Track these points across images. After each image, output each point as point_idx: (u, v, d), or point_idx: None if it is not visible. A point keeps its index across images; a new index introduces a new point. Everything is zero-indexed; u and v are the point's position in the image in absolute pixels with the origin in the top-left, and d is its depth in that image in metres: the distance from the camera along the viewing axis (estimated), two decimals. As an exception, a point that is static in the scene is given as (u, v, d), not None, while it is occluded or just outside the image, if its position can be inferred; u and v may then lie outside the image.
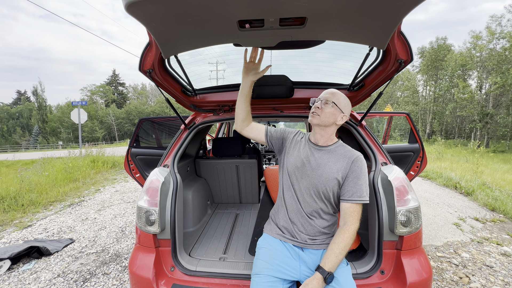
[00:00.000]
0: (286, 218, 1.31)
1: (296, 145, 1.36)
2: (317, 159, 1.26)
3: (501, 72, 21.04)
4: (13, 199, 4.57)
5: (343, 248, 1.12)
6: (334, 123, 1.27)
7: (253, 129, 1.43)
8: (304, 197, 1.26)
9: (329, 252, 1.13)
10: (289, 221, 1.30)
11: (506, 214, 3.99)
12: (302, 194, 1.27)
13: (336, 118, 1.26)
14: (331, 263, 1.09)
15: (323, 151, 1.28)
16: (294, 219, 1.28)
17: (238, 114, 1.40)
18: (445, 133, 31.50)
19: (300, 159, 1.29)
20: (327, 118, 1.25)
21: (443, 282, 2.29)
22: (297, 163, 1.29)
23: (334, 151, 1.28)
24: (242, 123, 1.40)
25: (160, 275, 1.45)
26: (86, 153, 9.59)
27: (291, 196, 1.30)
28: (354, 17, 0.99)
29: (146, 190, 1.52)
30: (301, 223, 1.27)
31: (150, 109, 53.84)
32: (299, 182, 1.28)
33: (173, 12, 0.92)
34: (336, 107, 1.25)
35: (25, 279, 2.37)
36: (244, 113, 1.38)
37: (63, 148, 28.23)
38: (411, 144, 2.93)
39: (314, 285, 1.06)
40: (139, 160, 2.98)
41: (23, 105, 59.61)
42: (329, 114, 1.24)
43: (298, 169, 1.28)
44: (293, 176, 1.30)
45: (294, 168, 1.29)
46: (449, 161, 9.88)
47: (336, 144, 1.30)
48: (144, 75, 1.44)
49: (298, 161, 1.29)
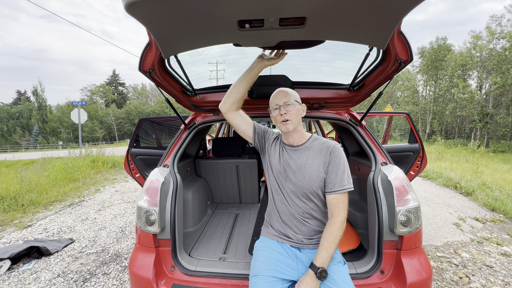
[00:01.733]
0: (279, 221, 1.31)
1: (276, 148, 1.35)
2: (296, 161, 1.26)
3: (501, 72, 21.03)
4: (13, 199, 4.57)
5: (332, 241, 1.12)
6: (301, 119, 1.29)
7: (239, 117, 1.32)
8: (293, 200, 1.26)
9: (319, 247, 1.13)
10: (282, 224, 1.30)
11: (506, 214, 3.99)
12: (290, 198, 1.27)
13: (300, 113, 1.28)
14: (321, 258, 1.10)
15: (300, 150, 1.28)
16: (288, 222, 1.28)
17: (232, 93, 1.27)
18: (445, 133, 31.50)
19: (281, 164, 1.29)
20: (297, 117, 1.26)
21: (443, 282, 2.29)
22: (280, 168, 1.29)
23: (310, 147, 1.28)
24: (232, 104, 1.29)
25: (160, 275, 1.45)
26: (86, 153, 9.59)
27: (281, 200, 1.30)
28: (354, 17, 0.99)
29: (146, 190, 1.52)
30: (295, 225, 1.27)
31: (150, 109, 53.83)
32: (285, 186, 1.28)
33: (173, 12, 0.92)
34: (296, 102, 1.26)
35: (25, 279, 2.36)
36: (239, 95, 1.27)
37: (63, 148, 28.23)
38: (411, 144, 2.93)
39: (307, 281, 1.07)
40: (139, 160, 2.98)
41: (23, 105, 59.62)
42: (297, 113, 1.25)
43: (281, 174, 1.29)
44: (279, 181, 1.30)
45: (278, 173, 1.30)
46: (449, 161, 9.88)
47: (311, 140, 1.30)
48: (144, 75, 1.44)
49: (280, 165, 1.29)
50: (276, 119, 1.27)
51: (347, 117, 1.94)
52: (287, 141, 1.33)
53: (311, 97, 1.88)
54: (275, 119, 1.28)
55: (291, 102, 1.23)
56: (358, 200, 2.27)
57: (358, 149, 2.51)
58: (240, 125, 1.34)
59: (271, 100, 1.30)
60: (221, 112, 1.33)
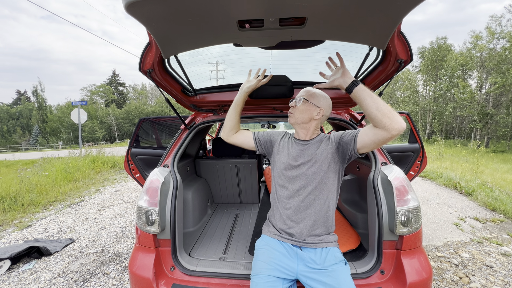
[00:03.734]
0: (282, 219, 1.31)
1: (285, 145, 1.38)
2: (306, 152, 1.29)
3: (501, 72, 21.02)
4: (13, 199, 4.57)
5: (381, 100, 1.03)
6: (312, 119, 1.30)
7: (239, 136, 1.46)
8: (299, 196, 1.27)
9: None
10: (285, 222, 1.30)
11: (506, 214, 3.99)
12: (297, 192, 1.27)
13: (311, 113, 1.29)
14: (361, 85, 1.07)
15: (309, 144, 1.32)
16: (291, 219, 1.28)
17: (227, 122, 1.43)
18: (445, 133, 31.49)
19: (292, 157, 1.31)
20: (301, 115, 1.29)
21: (443, 282, 2.29)
22: (290, 161, 1.31)
23: (319, 140, 1.32)
24: (229, 131, 1.45)
25: (160, 275, 1.45)
26: (86, 153, 9.59)
27: (286, 197, 1.30)
28: (354, 17, 0.99)
29: (146, 190, 1.52)
30: (298, 223, 1.27)
31: (150, 109, 53.82)
32: (293, 181, 1.29)
33: (173, 12, 0.92)
34: (309, 103, 1.28)
35: (25, 279, 2.36)
36: (233, 123, 1.42)
37: (63, 148, 28.23)
38: (411, 144, 2.93)
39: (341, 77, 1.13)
40: (139, 160, 2.98)
41: (23, 105, 59.62)
42: (303, 111, 1.29)
43: (291, 168, 1.30)
44: (287, 175, 1.31)
45: (287, 167, 1.31)
46: (449, 161, 9.88)
47: (320, 136, 1.35)
48: (144, 75, 1.44)
49: (290, 159, 1.31)
50: None
51: (347, 117, 1.94)
52: (297, 136, 1.38)
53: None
54: None
55: (302, 100, 1.29)
56: (358, 200, 2.27)
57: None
58: (244, 142, 1.47)
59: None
60: (224, 140, 1.49)
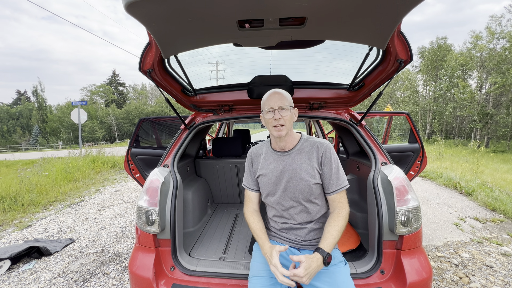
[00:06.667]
0: (277, 226, 1.32)
1: (267, 157, 1.30)
2: (289, 166, 1.23)
3: (501, 72, 21.02)
4: (13, 199, 4.57)
5: (339, 230, 1.12)
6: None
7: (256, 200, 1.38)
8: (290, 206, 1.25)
9: (326, 234, 1.12)
10: (281, 228, 1.30)
11: (506, 214, 3.99)
12: (287, 202, 1.25)
13: (293, 117, 1.24)
14: (329, 244, 1.09)
15: (292, 154, 1.25)
16: (286, 226, 1.28)
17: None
18: (445, 133, 31.49)
19: (274, 173, 1.25)
20: (290, 122, 1.21)
21: (443, 282, 2.28)
22: (273, 175, 1.25)
23: (301, 149, 1.25)
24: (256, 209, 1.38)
25: (160, 275, 1.45)
26: (86, 153, 9.59)
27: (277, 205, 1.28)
28: (354, 17, 0.99)
29: (146, 190, 1.52)
30: (293, 229, 1.27)
31: (150, 109, 53.83)
32: (281, 195, 1.26)
33: (172, 12, 0.92)
34: (290, 107, 1.21)
35: (25, 279, 2.36)
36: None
37: (63, 148, 28.23)
38: (411, 144, 2.93)
39: (314, 262, 1.02)
40: (139, 160, 2.98)
41: (23, 105, 59.64)
42: (291, 118, 1.21)
43: (276, 184, 1.26)
44: (274, 189, 1.27)
45: (274, 183, 1.26)
46: (449, 161, 9.88)
47: (301, 141, 1.27)
48: (144, 75, 1.44)
49: (273, 174, 1.25)
50: (268, 122, 1.21)
51: (347, 117, 1.94)
52: (277, 147, 1.28)
53: (311, 97, 1.87)
54: (267, 122, 1.22)
55: (286, 107, 1.18)
56: (358, 200, 2.27)
57: (358, 149, 2.51)
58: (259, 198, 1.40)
59: (264, 101, 1.23)
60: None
